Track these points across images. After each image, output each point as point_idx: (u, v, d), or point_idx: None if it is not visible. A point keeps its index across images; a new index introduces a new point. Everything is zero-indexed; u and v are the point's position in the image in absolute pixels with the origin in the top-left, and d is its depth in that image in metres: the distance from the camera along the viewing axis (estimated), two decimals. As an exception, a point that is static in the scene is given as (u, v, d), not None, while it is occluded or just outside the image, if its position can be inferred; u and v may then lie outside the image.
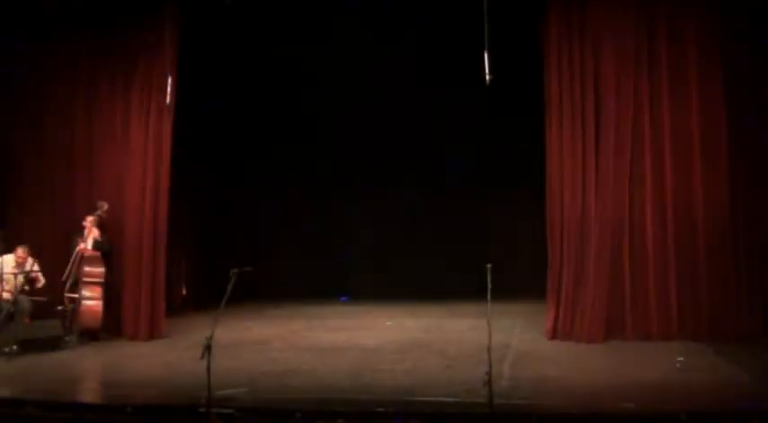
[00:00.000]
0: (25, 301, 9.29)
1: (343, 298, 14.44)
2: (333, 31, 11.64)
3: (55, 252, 10.07)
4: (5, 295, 9.24)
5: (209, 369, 5.70)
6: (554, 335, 9.10)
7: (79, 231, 9.93)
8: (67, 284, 9.67)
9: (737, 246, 8.82)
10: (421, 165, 14.25)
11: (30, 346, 8.76)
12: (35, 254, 9.62)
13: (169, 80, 8.91)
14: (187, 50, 10.13)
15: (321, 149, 14.64)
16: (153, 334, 9.92)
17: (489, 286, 6.06)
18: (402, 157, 14.23)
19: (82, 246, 9.76)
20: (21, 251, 9.54)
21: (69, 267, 9.66)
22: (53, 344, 9.01)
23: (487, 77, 8.01)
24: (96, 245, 9.88)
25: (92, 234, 9.89)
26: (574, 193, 9.11)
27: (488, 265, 6.17)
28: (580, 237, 9.06)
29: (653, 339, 8.71)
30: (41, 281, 9.59)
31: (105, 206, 9.98)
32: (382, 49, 12.33)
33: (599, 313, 8.89)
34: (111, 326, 9.94)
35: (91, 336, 9.65)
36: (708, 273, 8.76)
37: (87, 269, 9.69)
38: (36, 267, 9.51)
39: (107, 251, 9.99)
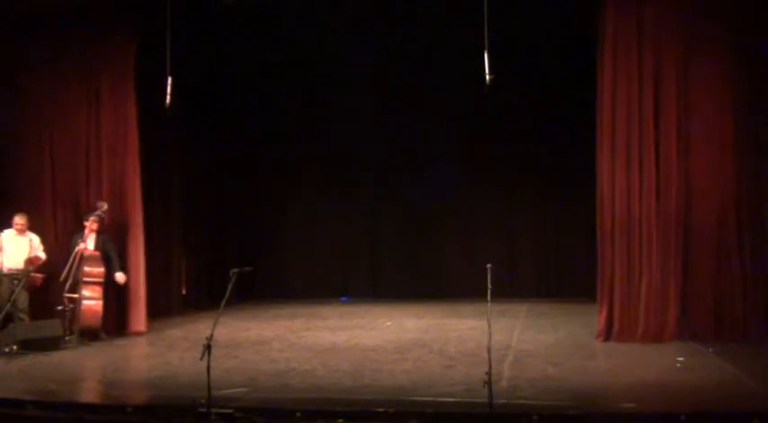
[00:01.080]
0: (24, 301, 9.29)
1: (343, 298, 14.44)
2: (332, 29, 11.60)
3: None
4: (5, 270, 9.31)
5: (209, 369, 5.70)
6: (607, 336, 8.85)
7: (79, 232, 9.94)
8: (67, 285, 9.67)
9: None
10: (420, 165, 14.25)
11: (30, 346, 8.74)
12: (32, 227, 9.68)
13: (169, 81, 8.92)
14: (184, 51, 10.13)
15: (321, 149, 14.63)
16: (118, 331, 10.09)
17: (489, 286, 6.07)
18: (401, 157, 14.24)
19: (82, 246, 9.75)
20: (18, 218, 9.56)
21: (68, 268, 9.65)
22: (53, 344, 8.99)
23: (487, 78, 7.99)
24: (101, 247, 9.91)
25: (92, 234, 9.89)
26: (630, 192, 8.86)
27: (488, 265, 6.18)
28: (638, 237, 8.83)
29: (719, 341, 8.48)
30: (42, 257, 9.59)
31: (105, 206, 9.98)
32: (385, 49, 12.32)
33: (667, 315, 8.70)
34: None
35: (91, 335, 9.64)
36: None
37: (87, 269, 9.68)
38: (36, 241, 9.58)
39: (111, 252, 10.02)
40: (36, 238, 9.66)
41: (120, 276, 9.94)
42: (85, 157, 10.50)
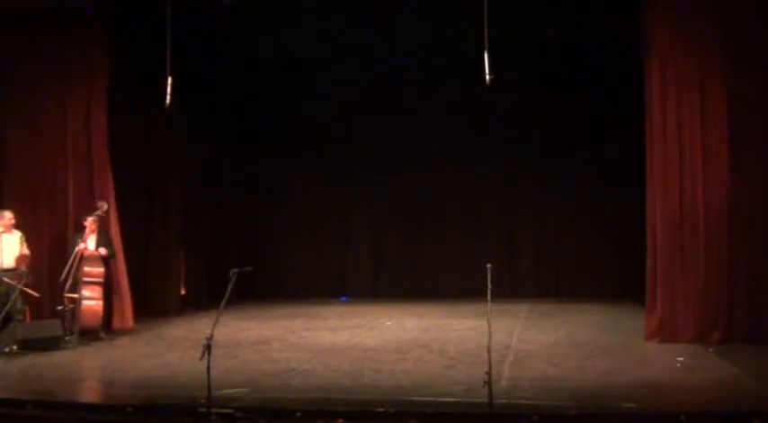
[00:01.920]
0: (18, 302, 9.28)
1: (343, 298, 14.44)
2: (332, 28, 11.58)
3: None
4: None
5: (209, 369, 5.71)
6: (662, 337, 8.78)
7: (79, 232, 9.94)
8: (67, 285, 9.67)
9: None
10: (421, 165, 14.25)
11: (30, 346, 8.74)
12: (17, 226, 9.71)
13: (169, 81, 8.91)
14: (183, 50, 10.14)
15: (320, 149, 14.65)
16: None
17: (489, 286, 6.07)
18: (402, 157, 14.24)
19: (82, 246, 9.75)
20: (9, 214, 9.58)
21: (68, 268, 9.65)
22: (53, 344, 8.99)
23: (487, 78, 7.99)
24: (107, 248, 9.93)
25: (92, 234, 9.89)
26: (683, 190, 8.81)
27: (488, 265, 6.19)
28: (691, 235, 8.78)
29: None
30: (28, 253, 9.59)
31: (105, 206, 9.98)
32: (385, 48, 12.31)
33: (716, 315, 8.67)
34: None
35: (91, 336, 9.64)
36: None
37: (87, 269, 9.68)
38: (23, 238, 9.61)
39: (111, 254, 10.04)
40: (22, 235, 9.68)
41: (102, 250, 9.92)
42: (52, 159, 10.51)
